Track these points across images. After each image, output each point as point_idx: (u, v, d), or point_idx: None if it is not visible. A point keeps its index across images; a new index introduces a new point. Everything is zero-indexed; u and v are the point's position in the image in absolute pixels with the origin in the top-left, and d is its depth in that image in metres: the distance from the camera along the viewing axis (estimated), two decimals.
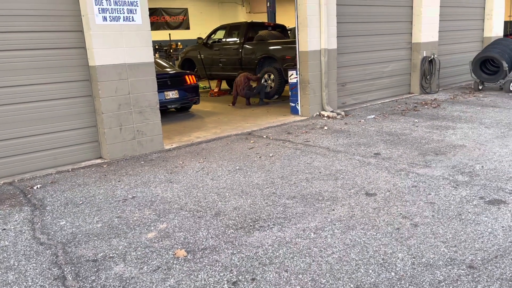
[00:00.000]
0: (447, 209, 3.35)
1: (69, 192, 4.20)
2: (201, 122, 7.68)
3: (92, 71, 5.08)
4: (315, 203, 3.61)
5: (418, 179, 4.06)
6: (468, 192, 3.66)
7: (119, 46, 5.16)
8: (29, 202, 3.99)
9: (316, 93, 7.51)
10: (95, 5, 4.90)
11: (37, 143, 4.93)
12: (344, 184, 4.05)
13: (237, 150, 5.53)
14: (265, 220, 3.33)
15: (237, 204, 3.68)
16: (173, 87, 8.07)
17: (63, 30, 4.91)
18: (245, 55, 10.54)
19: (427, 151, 5.01)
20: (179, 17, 17.30)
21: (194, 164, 4.99)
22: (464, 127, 6.08)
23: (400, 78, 9.43)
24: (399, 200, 3.57)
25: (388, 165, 4.57)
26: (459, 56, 10.85)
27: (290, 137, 6.07)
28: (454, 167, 4.36)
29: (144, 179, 4.52)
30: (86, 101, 5.20)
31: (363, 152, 5.10)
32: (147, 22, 5.37)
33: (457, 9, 10.48)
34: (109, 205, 3.82)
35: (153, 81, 5.54)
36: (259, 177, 4.38)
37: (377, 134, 6.01)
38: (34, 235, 3.27)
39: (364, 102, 8.70)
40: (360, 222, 3.19)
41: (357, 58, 8.44)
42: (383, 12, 8.69)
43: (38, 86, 4.85)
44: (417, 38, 9.31)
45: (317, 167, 4.63)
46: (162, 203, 3.82)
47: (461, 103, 8.15)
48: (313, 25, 7.20)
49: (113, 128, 5.25)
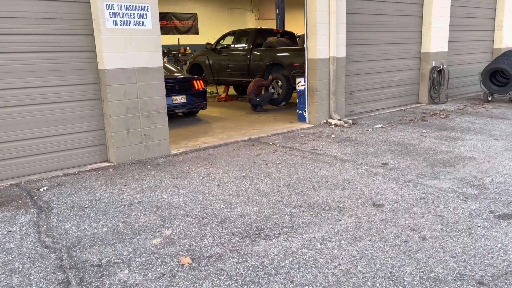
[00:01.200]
0: (456, 222, 3.30)
1: (75, 195, 4.20)
2: (208, 127, 7.68)
3: (101, 75, 5.10)
4: (322, 213, 3.57)
5: (426, 191, 4.01)
6: (478, 206, 3.61)
7: (129, 50, 5.18)
8: (35, 204, 3.99)
9: (324, 101, 7.49)
10: (106, 9, 4.92)
11: (44, 145, 4.94)
12: (351, 194, 4.01)
13: (243, 156, 5.51)
14: (271, 229, 3.29)
15: (243, 212, 3.66)
16: (181, 91, 8.09)
17: (73, 33, 4.94)
18: (253, 61, 10.56)
19: (436, 162, 4.96)
20: (188, 22, 17.39)
21: (201, 169, 4.98)
22: (473, 139, 6.02)
23: (408, 87, 9.39)
24: (407, 212, 3.53)
25: (396, 175, 4.52)
26: (468, 67, 10.79)
27: (297, 145, 6.04)
28: (463, 180, 4.30)
29: (150, 183, 4.51)
30: (94, 104, 5.22)
31: (371, 162, 5.06)
32: (157, 27, 5.39)
33: (467, 19, 10.44)
34: (114, 209, 3.81)
35: (161, 86, 5.55)
36: (266, 185, 4.36)
37: (385, 143, 5.96)
38: (40, 238, 3.26)
39: (372, 111, 8.65)
40: (367, 234, 3.15)
41: (366, 67, 8.42)
42: (393, 21, 8.67)
43: (47, 89, 4.87)
44: (426, 48, 9.27)
45: (324, 176, 4.59)
46: (168, 208, 3.80)
47: (470, 114, 8.09)
48: (322, 33, 7.20)
49: (121, 131, 5.26)
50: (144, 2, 5.20)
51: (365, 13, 8.13)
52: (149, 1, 5.26)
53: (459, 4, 9.91)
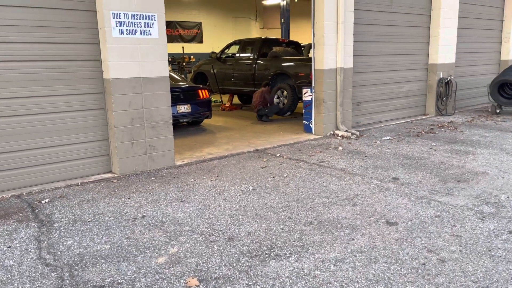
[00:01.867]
0: (475, 243, 3.16)
1: (77, 208, 4.07)
2: (212, 137, 7.57)
3: (106, 84, 5.01)
4: (334, 231, 3.44)
5: (441, 208, 3.87)
6: (496, 226, 3.47)
7: (135, 59, 5.08)
8: (37, 217, 3.86)
9: (331, 112, 7.38)
10: (112, 18, 4.84)
11: (47, 156, 4.83)
12: (363, 210, 3.88)
13: (249, 168, 5.39)
14: (281, 248, 3.16)
15: (251, 229, 3.52)
16: (186, 101, 8.00)
17: (79, 42, 4.86)
18: (259, 70, 10.48)
19: (448, 177, 4.83)
20: (193, 31, 17.38)
21: (206, 182, 4.85)
22: (485, 153, 5.89)
23: (415, 99, 9.27)
24: (422, 231, 3.39)
25: (408, 191, 4.39)
26: (475, 78, 10.68)
27: (304, 157, 5.92)
28: (478, 197, 4.16)
29: (154, 196, 4.39)
30: (98, 114, 5.12)
31: (381, 176, 4.93)
32: (163, 36, 5.30)
33: (475, 31, 10.35)
34: (118, 224, 3.68)
35: (167, 96, 5.44)
36: (274, 199, 4.23)
37: (394, 157, 5.83)
38: (40, 255, 3.13)
39: (379, 122, 8.54)
40: (382, 255, 3.01)
41: (373, 78, 8.32)
42: (400, 32, 8.58)
43: (51, 98, 4.77)
44: (433, 59, 9.18)
45: (333, 190, 4.46)
46: (173, 224, 3.67)
47: (479, 126, 7.96)
48: (330, 43, 7.11)
49: (125, 142, 5.15)
50: (151, 11, 5.12)
51: (373, 23, 8.05)
52: (156, 10, 5.18)
53: (466, 15, 9.84)
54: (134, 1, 4.98)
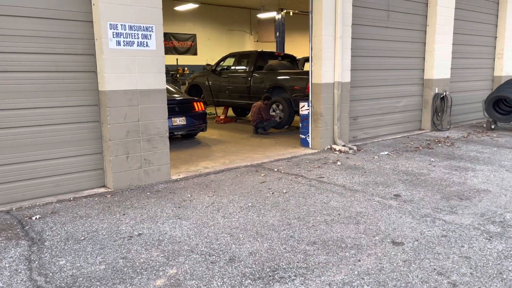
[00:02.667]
0: (485, 266, 3.06)
1: (70, 225, 3.90)
2: (208, 151, 7.44)
3: (102, 96, 4.87)
4: (338, 251, 3.32)
5: (446, 228, 3.77)
6: (504, 246, 3.38)
7: (131, 71, 4.97)
8: (27, 235, 3.68)
9: (328, 126, 7.31)
10: (109, 29, 4.73)
11: (38, 169, 4.66)
12: (366, 229, 3.77)
13: (247, 183, 5.26)
14: (285, 270, 3.03)
15: (252, 249, 3.39)
16: (181, 113, 7.88)
17: (74, 53, 4.74)
18: (254, 83, 10.42)
19: (450, 194, 4.75)
20: (187, 43, 17.34)
21: (203, 198, 4.71)
22: (485, 170, 5.84)
23: (411, 114, 9.27)
24: (430, 252, 3.28)
25: (411, 209, 4.29)
26: (469, 94, 10.75)
27: (303, 172, 5.81)
28: (483, 215, 4.08)
29: (150, 213, 4.23)
30: (93, 127, 4.97)
31: (382, 193, 4.84)
32: (161, 48, 5.21)
33: (469, 47, 10.44)
34: (113, 243, 3.52)
35: (164, 109, 5.33)
36: (274, 217, 4.10)
37: (394, 172, 5.75)
38: (31, 276, 2.96)
39: (376, 136, 8.49)
40: (391, 278, 2.89)
41: (370, 92, 8.30)
42: (397, 47, 8.61)
43: (44, 110, 4.63)
44: (429, 75, 9.21)
45: (335, 207, 4.35)
46: (171, 243, 3.52)
47: (475, 142, 7.95)
48: (328, 57, 7.07)
49: (120, 156, 5.00)
50: (149, 23, 5.03)
51: (370, 38, 8.06)
52: (154, 22, 5.09)
53: (461, 32, 9.93)
54: (132, 12, 4.89)
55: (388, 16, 8.32)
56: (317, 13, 6.93)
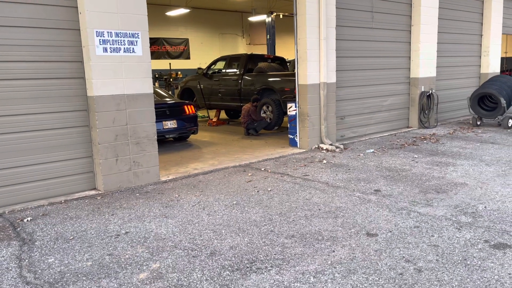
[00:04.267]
0: (451, 253, 3.23)
1: (60, 226, 4.06)
2: (198, 153, 7.61)
3: (90, 102, 5.04)
4: (315, 243, 3.49)
5: (420, 219, 3.95)
6: (472, 235, 3.55)
7: (119, 77, 5.14)
8: (18, 236, 3.84)
9: (315, 126, 7.49)
10: (96, 37, 4.90)
11: (30, 173, 4.82)
12: (344, 222, 3.94)
13: (234, 183, 5.43)
14: (262, 261, 3.19)
15: (233, 243, 3.55)
16: (172, 117, 8.05)
17: (62, 60, 4.90)
18: (244, 86, 10.60)
19: (428, 188, 4.93)
20: (180, 47, 17.53)
21: (190, 197, 4.88)
22: (465, 164, 6.02)
23: (398, 112, 9.45)
24: (401, 242, 3.45)
25: (389, 203, 4.47)
26: (456, 92, 10.94)
27: (289, 171, 5.98)
28: (457, 207, 4.26)
29: (138, 213, 4.40)
30: (82, 131, 5.13)
31: (363, 189, 5.01)
32: (147, 53, 5.38)
33: (454, 45, 10.64)
34: (100, 241, 3.68)
35: (151, 112, 5.49)
36: (257, 213, 4.26)
37: (377, 169, 5.93)
38: (21, 273, 3.12)
39: (363, 135, 8.67)
40: (361, 266, 3.06)
41: (356, 92, 8.48)
42: (382, 47, 8.80)
43: (34, 116, 4.79)
44: (415, 73, 9.40)
45: (316, 203, 4.52)
46: (156, 240, 3.68)
47: (460, 138, 8.13)
48: (313, 59, 7.26)
49: (109, 159, 5.16)
50: (134, 30, 5.20)
51: (355, 39, 8.25)
52: (140, 28, 5.26)
53: (446, 31, 10.13)
54: (117, 20, 5.06)
55: (373, 17, 8.51)
56: (301, 15, 7.12)
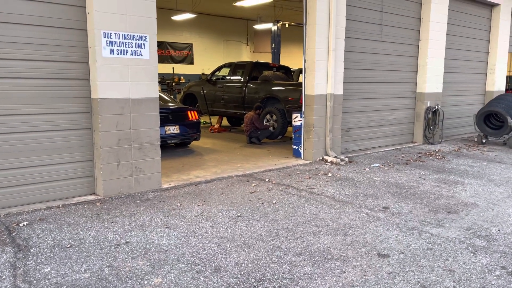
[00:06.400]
0: (468, 279, 3.08)
1: (57, 232, 3.89)
2: (200, 160, 7.45)
3: (94, 104, 4.90)
4: (324, 263, 3.33)
5: (432, 241, 3.80)
6: (489, 260, 3.41)
7: (124, 80, 5.00)
8: (13, 241, 3.67)
9: (320, 137, 7.36)
10: (103, 38, 4.78)
11: (28, 176, 4.66)
12: (353, 241, 3.79)
13: (238, 193, 5.28)
14: (270, 281, 3.03)
15: (239, 259, 3.39)
16: (175, 122, 7.91)
17: (67, 60, 4.77)
18: (249, 94, 10.49)
19: (438, 208, 4.79)
20: (184, 52, 17.44)
21: (193, 207, 4.72)
22: (473, 183, 5.89)
23: (403, 126, 9.35)
24: (415, 265, 3.30)
25: (399, 221, 4.32)
26: (461, 108, 10.86)
27: (293, 183, 5.84)
28: (469, 229, 4.12)
29: (139, 221, 4.23)
30: (84, 134, 4.99)
31: (371, 205, 4.86)
32: (155, 57, 5.25)
33: (461, 62, 10.59)
34: (99, 251, 3.51)
35: (156, 117, 5.35)
36: (262, 227, 4.11)
37: (384, 185, 5.79)
38: (15, 283, 2.95)
39: (368, 148, 8.54)
40: None
41: (362, 105, 8.37)
42: (389, 61, 8.71)
43: (36, 116, 4.64)
44: (421, 88, 9.31)
45: (323, 219, 4.37)
46: (158, 251, 3.52)
47: (466, 156, 8.02)
48: (321, 70, 7.15)
49: (110, 163, 5.01)
50: (142, 32, 5.08)
51: (363, 51, 8.16)
52: (148, 31, 5.14)
53: (453, 47, 10.07)
54: (126, 22, 4.94)
55: (381, 30, 8.44)
56: (311, 26, 7.02)
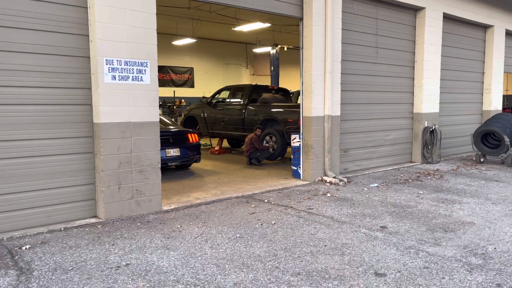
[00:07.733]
0: None
1: (59, 255, 3.95)
2: (200, 182, 7.53)
3: (96, 128, 5.02)
4: (322, 282, 3.38)
5: (429, 259, 3.85)
6: (484, 278, 3.45)
7: (126, 104, 5.14)
8: (16, 265, 3.73)
9: (319, 158, 7.45)
10: (105, 64, 4.94)
11: (30, 200, 4.74)
12: (351, 260, 3.83)
13: (237, 214, 5.34)
14: None
15: (237, 279, 3.44)
16: (175, 144, 8.03)
17: (70, 87, 4.93)
18: (248, 116, 10.64)
19: (435, 227, 4.83)
20: (185, 76, 17.73)
21: (193, 228, 4.78)
22: (471, 202, 5.94)
23: (401, 146, 9.45)
24: (411, 283, 3.34)
25: (396, 240, 4.37)
26: (459, 128, 10.98)
27: (293, 203, 5.90)
28: (466, 247, 4.16)
29: (139, 243, 4.29)
30: (86, 158, 5.09)
31: (369, 225, 4.92)
32: (155, 82, 5.41)
33: (458, 82, 10.77)
34: (100, 273, 3.57)
35: (156, 141, 5.47)
36: (261, 248, 4.16)
37: (382, 204, 5.85)
38: None
39: (366, 169, 8.62)
40: None
41: (360, 125, 8.50)
42: (386, 82, 8.89)
43: (39, 141, 4.76)
44: (418, 109, 9.45)
45: (321, 239, 4.42)
46: (158, 273, 3.57)
47: (464, 175, 8.08)
48: (318, 92, 7.31)
49: (112, 186, 5.10)
50: (143, 59, 5.25)
51: (359, 73, 8.34)
52: (149, 58, 5.31)
53: (448, 68, 10.27)
54: (127, 49, 5.11)
55: (377, 52, 8.64)
56: (307, 49, 7.22)
